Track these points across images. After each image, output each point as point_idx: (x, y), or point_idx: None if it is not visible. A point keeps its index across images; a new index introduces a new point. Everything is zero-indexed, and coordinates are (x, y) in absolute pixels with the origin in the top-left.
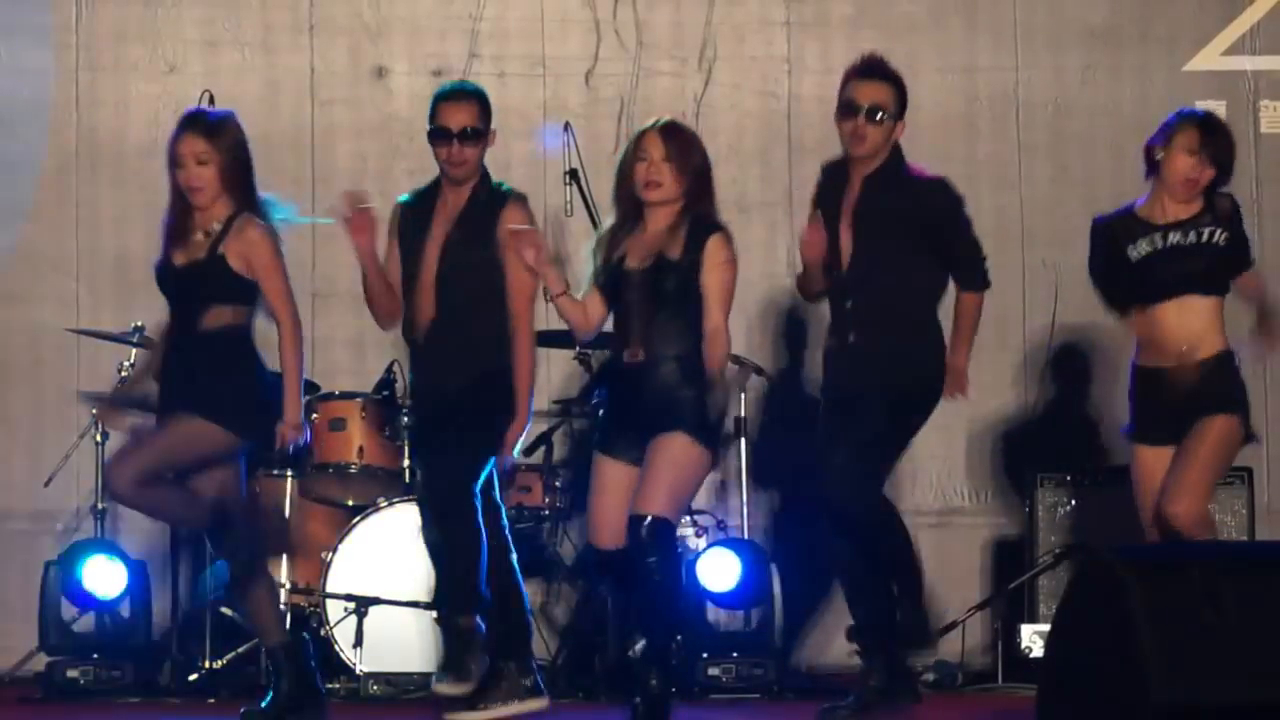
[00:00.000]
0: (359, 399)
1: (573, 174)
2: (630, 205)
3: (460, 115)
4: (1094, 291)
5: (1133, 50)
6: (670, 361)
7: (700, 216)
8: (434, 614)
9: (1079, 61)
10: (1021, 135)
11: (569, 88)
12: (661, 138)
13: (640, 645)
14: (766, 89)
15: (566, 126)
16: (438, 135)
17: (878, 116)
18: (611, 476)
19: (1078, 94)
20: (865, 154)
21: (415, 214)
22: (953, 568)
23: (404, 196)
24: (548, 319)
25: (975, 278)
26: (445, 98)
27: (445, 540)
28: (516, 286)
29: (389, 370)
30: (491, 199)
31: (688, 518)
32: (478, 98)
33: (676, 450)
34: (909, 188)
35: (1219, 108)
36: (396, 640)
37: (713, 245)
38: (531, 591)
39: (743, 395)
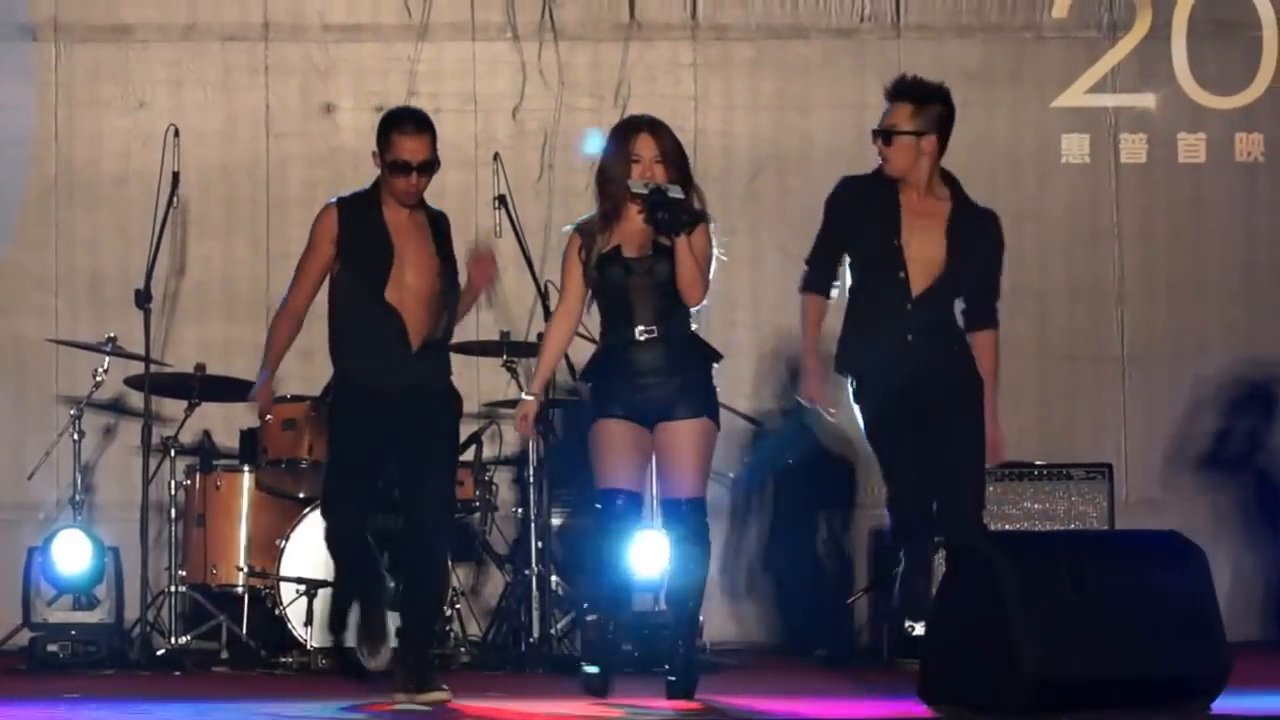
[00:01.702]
0: (308, 401)
1: (501, 200)
2: (614, 202)
3: (420, 149)
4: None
5: (1005, 89)
6: (680, 339)
7: None
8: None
9: (956, 99)
10: None
11: (497, 122)
12: (654, 137)
13: (676, 611)
14: (675, 124)
15: (496, 157)
16: (399, 168)
17: (890, 139)
18: (625, 435)
19: (956, 129)
20: (895, 174)
21: (359, 224)
22: (845, 555)
23: (335, 200)
24: (478, 330)
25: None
26: (402, 130)
27: (435, 565)
28: (469, 299)
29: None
30: (439, 218)
31: None
32: (430, 128)
33: (704, 435)
34: (984, 217)
35: (1083, 141)
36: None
37: (699, 234)
38: (464, 574)
39: None
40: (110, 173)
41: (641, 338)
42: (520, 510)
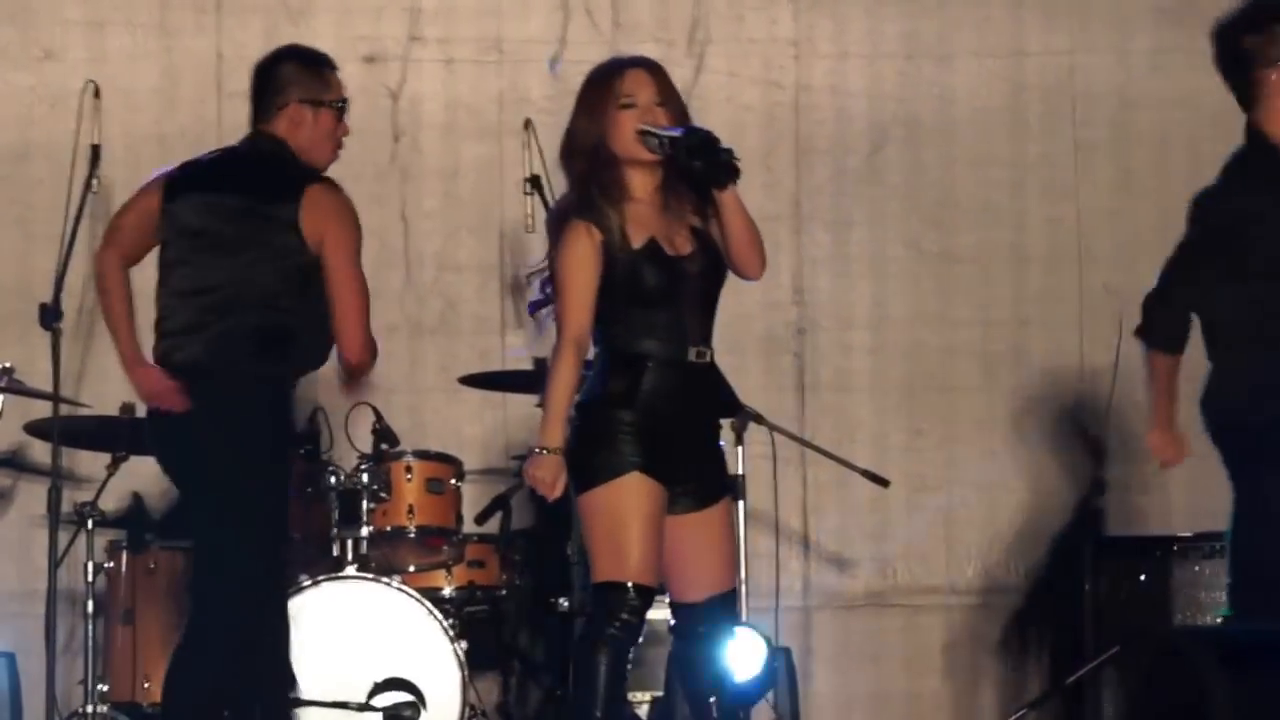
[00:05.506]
0: None
1: (534, 181)
2: (612, 172)
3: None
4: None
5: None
6: (716, 369)
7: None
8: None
9: (1148, 45)
10: (1079, 133)
11: (530, 77)
12: (649, 74)
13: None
14: (769, 77)
15: (527, 124)
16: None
17: None
18: (651, 500)
19: (1146, 83)
20: None
21: None
22: (998, 656)
23: None
24: (503, 359)
25: None
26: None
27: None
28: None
29: (311, 420)
30: None
31: None
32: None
33: (731, 520)
34: None
35: None
36: None
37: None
38: (485, 689)
39: (740, 448)
40: (7, 145)
41: (694, 359)
42: (564, 600)
